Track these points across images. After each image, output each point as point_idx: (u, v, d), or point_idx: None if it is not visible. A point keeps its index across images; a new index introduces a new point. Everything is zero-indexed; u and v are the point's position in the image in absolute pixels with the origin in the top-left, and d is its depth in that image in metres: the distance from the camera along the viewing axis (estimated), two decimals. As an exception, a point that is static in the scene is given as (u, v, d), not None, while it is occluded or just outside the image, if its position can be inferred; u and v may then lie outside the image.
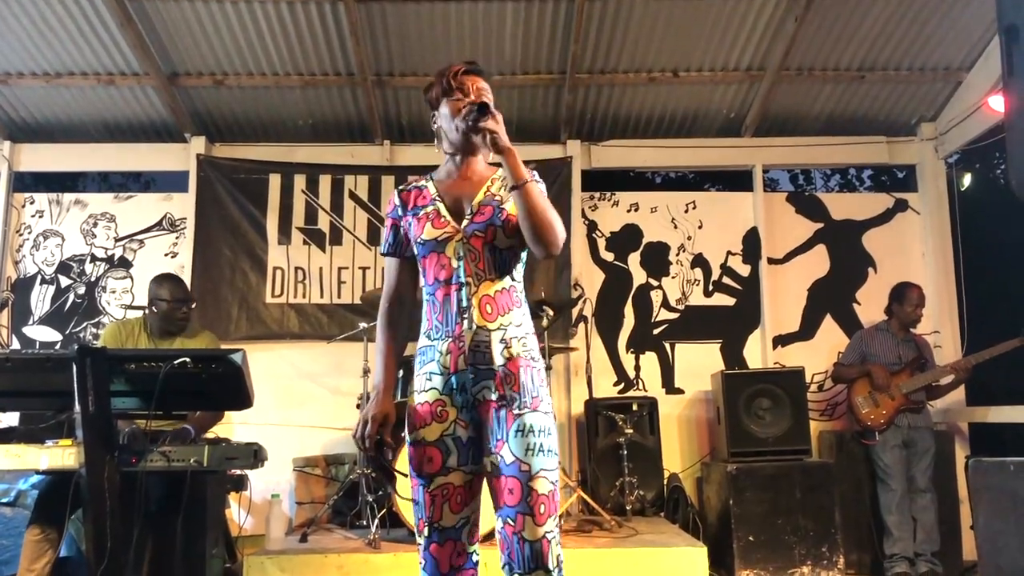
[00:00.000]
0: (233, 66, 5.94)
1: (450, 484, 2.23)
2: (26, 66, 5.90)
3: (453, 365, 2.26)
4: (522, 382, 2.25)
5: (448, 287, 2.30)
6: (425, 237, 2.33)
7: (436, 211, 2.37)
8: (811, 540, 5.02)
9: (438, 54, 5.87)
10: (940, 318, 6.19)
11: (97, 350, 2.99)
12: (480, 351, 2.25)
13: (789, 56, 5.87)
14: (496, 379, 2.24)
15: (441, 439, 2.25)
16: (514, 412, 2.21)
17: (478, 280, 2.29)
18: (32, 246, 6.31)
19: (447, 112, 2.40)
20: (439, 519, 2.23)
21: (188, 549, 3.71)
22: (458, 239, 2.31)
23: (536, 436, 2.19)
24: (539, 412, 2.24)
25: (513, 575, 2.17)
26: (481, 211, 2.35)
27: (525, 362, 2.28)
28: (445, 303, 2.30)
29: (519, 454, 2.17)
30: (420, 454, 2.26)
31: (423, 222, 2.36)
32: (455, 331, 2.27)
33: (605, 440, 5.59)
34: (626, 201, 6.55)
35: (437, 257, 2.32)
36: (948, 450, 5.52)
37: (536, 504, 2.15)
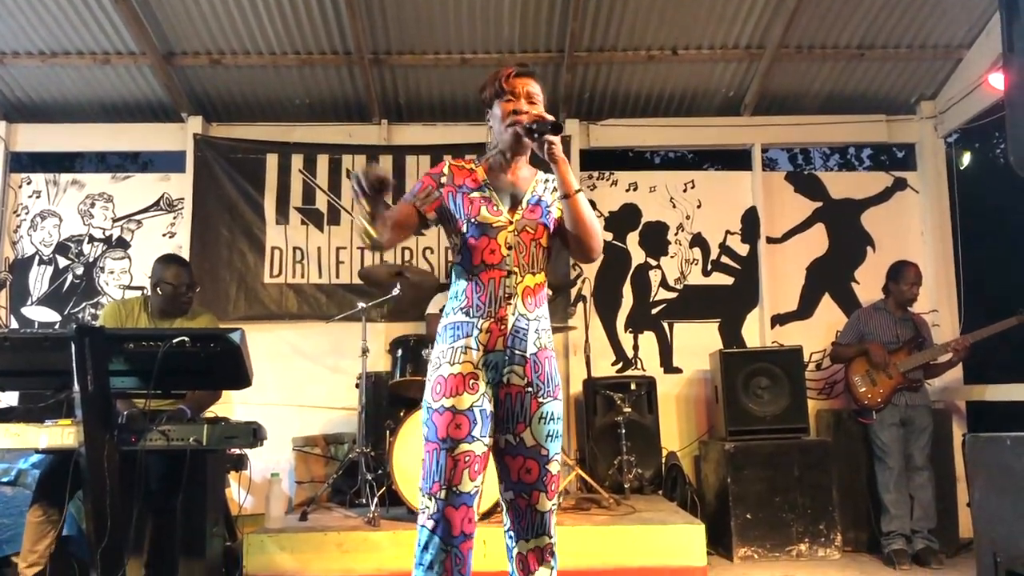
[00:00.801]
0: (230, 45, 5.90)
1: (472, 452, 2.35)
2: (21, 46, 5.86)
3: (492, 344, 2.42)
4: (547, 372, 2.46)
5: (495, 272, 2.45)
6: (480, 220, 2.47)
7: (489, 198, 2.52)
8: (808, 518, 5.05)
9: (435, 32, 5.84)
10: (938, 297, 6.20)
11: (95, 329, 3.00)
12: (519, 337, 2.43)
13: (788, 34, 5.84)
14: (527, 366, 2.43)
15: (471, 409, 2.37)
16: (539, 400, 2.42)
17: (523, 271, 2.47)
18: (30, 226, 6.30)
19: (499, 113, 2.52)
20: (459, 483, 2.33)
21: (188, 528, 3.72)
22: (510, 229, 2.47)
23: (554, 423, 2.44)
24: (558, 400, 2.47)
25: (519, 540, 2.43)
26: (532, 209, 2.53)
27: (549, 353, 2.50)
28: (490, 285, 2.44)
29: (540, 439, 2.41)
30: (448, 420, 2.35)
31: (477, 204, 2.49)
32: (499, 313, 2.43)
33: (603, 419, 5.61)
34: (625, 180, 6.54)
35: (488, 241, 2.46)
36: (946, 428, 5.54)
37: (549, 483, 2.41)
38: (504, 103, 2.51)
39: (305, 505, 4.77)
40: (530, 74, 2.56)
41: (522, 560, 2.43)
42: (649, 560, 4.08)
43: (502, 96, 2.52)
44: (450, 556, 2.32)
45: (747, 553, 5.03)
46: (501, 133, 2.53)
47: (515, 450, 2.41)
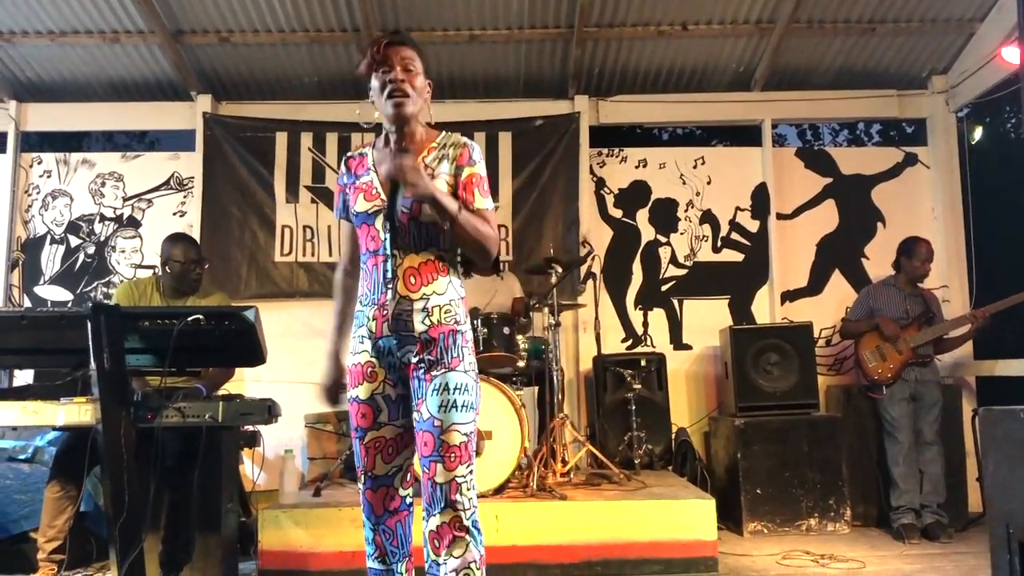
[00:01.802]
0: (239, 23, 5.89)
1: (382, 437, 2.45)
2: (31, 24, 5.86)
3: (379, 331, 2.43)
4: (440, 347, 2.39)
5: (377, 257, 2.44)
6: (357, 209, 2.47)
7: (370, 183, 2.48)
8: (818, 493, 5.08)
9: (444, 8, 5.82)
10: (949, 272, 6.19)
11: (111, 307, 3.01)
12: (402, 319, 2.40)
13: (799, 8, 5.80)
14: (418, 345, 2.39)
15: (372, 397, 2.45)
16: (432, 373, 2.37)
17: (404, 252, 2.41)
18: (41, 206, 6.32)
19: (376, 86, 2.43)
20: (372, 468, 2.45)
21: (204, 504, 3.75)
22: (386, 212, 2.41)
23: (451, 393, 2.35)
24: (457, 371, 2.39)
25: (429, 518, 2.34)
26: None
27: (447, 327, 2.41)
28: (374, 272, 2.44)
29: (433, 411, 2.34)
30: (355, 410, 2.47)
31: (358, 193, 2.48)
32: (380, 300, 2.42)
33: (614, 396, 5.63)
34: (634, 157, 6.52)
35: (368, 229, 2.45)
36: (955, 403, 5.54)
37: (447, 453, 2.32)
38: (380, 75, 2.41)
39: (318, 481, 4.81)
40: (403, 42, 2.44)
41: (434, 537, 2.32)
42: (660, 534, 4.10)
43: (377, 68, 2.41)
44: (377, 532, 2.47)
45: (757, 528, 5.07)
46: (383, 109, 2.43)
47: (417, 426, 2.38)
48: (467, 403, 2.38)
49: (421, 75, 2.46)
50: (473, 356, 2.47)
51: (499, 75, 6.47)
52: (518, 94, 6.58)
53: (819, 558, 4.40)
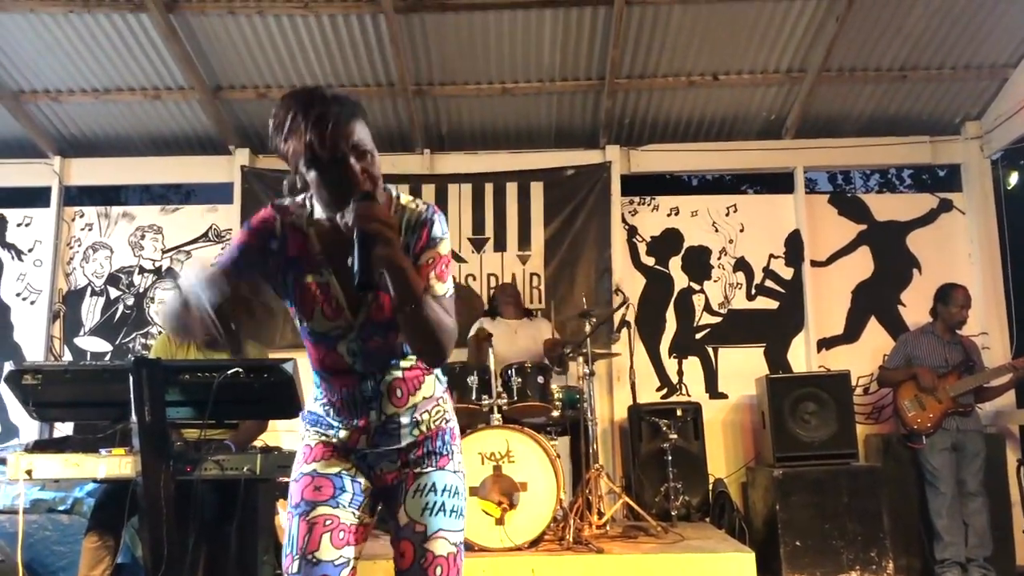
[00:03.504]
0: (276, 79, 6.03)
1: (336, 517, 1.91)
2: (76, 83, 6.04)
3: (354, 442, 1.98)
4: (427, 448, 2.00)
5: (345, 378, 1.95)
6: (315, 328, 1.93)
7: (327, 289, 1.90)
8: (859, 545, 4.98)
9: (477, 63, 5.92)
10: (988, 319, 6.10)
11: (153, 361, 3.05)
12: (388, 433, 1.97)
13: (830, 57, 5.82)
14: (400, 455, 1.99)
15: (339, 474, 1.96)
16: (415, 472, 1.98)
17: (383, 370, 1.95)
18: (82, 258, 6.45)
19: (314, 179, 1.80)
20: (315, 549, 1.86)
21: (241, 556, 3.76)
22: (351, 337, 1.92)
23: (437, 495, 1.95)
24: (445, 471, 1.99)
25: None
26: (380, 303, 1.89)
27: (436, 428, 2.02)
28: (344, 392, 1.96)
29: (414, 516, 1.93)
30: (307, 483, 1.94)
31: (309, 302, 1.91)
32: (360, 423, 1.96)
33: (649, 446, 5.58)
34: (666, 205, 6.54)
35: (326, 351, 1.95)
36: (999, 453, 5.43)
37: (431, 566, 1.88)
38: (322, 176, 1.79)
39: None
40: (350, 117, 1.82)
41: None
42: (699, 588, 4.04)
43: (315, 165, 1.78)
44: None
45: (797, 581, 4.97)
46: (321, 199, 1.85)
47: (395, 536, 1.95)
48: (456, 509, 1.97)
49: (374, 150, 1.85)
50: (462, 455, 2.08)
51: (531, 126, 6.55)
52: (549, 144, 6.65)
53: (863, 613, 4.31)
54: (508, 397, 4.80)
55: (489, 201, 6.38)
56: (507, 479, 4.32)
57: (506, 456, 4.35)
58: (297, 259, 1.90)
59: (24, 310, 6.38)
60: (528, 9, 5.53)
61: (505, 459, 4.34)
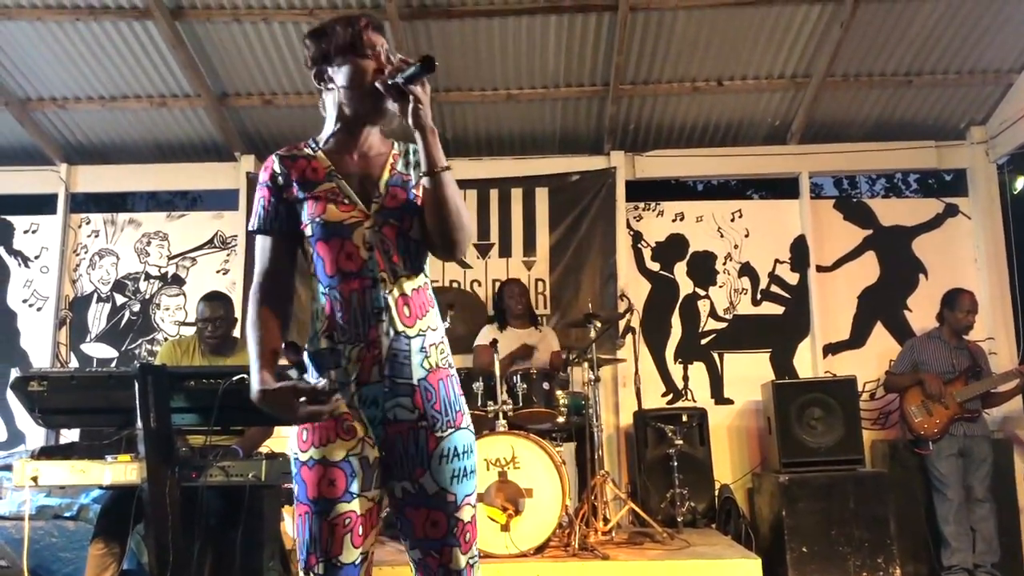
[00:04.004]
0: (281, 86, 6.04)
1: (352, 512, 1.89)
2: (82, 90, 6.06)
3: (366, 375, 1.93)
4: (443, 398, 1.98)
5: (356, 281, 1.95)
6: (327, 218, 1.96)
7: (336, 189, 2.00)
8: (866, 551, 4.95)
9: (482, 68, 5.93)
10: (995, 324, 6.08)
11: (158, 368, 3.06)
12: (399, 361, 1.94)
13: (835, 62, 5.82)
14: (416, 395, 1.95)
15: (347, 459, 1.90)
16: (436, 434, 1.95)
17: (393, 276, 1.96)
18: (88, 265, 6.47)
19: (350, 71, 2.00)
20: (339, 553, 1.87)
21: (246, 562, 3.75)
22: (368, 226, 1.96)
23: (460, 460, 1.96)
24: (463, 429, 2.00)
25: None
26: (392, 194, 2.01)
27: (444, 372, 2.01)
28: (352, 300, 1.94)
29: (444, 483, 1.93)
30: (319, 475, 1.89)
31: (322, 201, 1.98)
32: (369, 335, 1.93)
33: (655, 451, 5.57)
34: (671, 211, 6.53)
35: (341, 244, 1.95)
36: (1007, 459, 5.41)
37: (462, 534, 1.94)
38: (362, 59, 1.99)
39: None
40: (381, 28, 2.05)
41: None
42: (705, 595, 4.03)
43: (359, 50, 1.99)
44: None
45: (804, 587, 4.95)
46: (353, 98, 2.03)
47: (415, 500, 1.93)
48: (473, 468, 2.00)
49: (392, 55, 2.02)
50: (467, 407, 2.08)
51: (535, 132, 6.55)
52: (554, 150, 6.66)
53: (870, 620, 4.29)
54: (513, 403, 4.80)
55: (494, 207, 6.39)
56: (512, 485, 4.32)
57: (511, 462, 4.35)
58: (303, 178, 2.04)
59: (31, 316, 6.39)
60: (533, 16, 5.54)
61: (510, 465, 4.34)
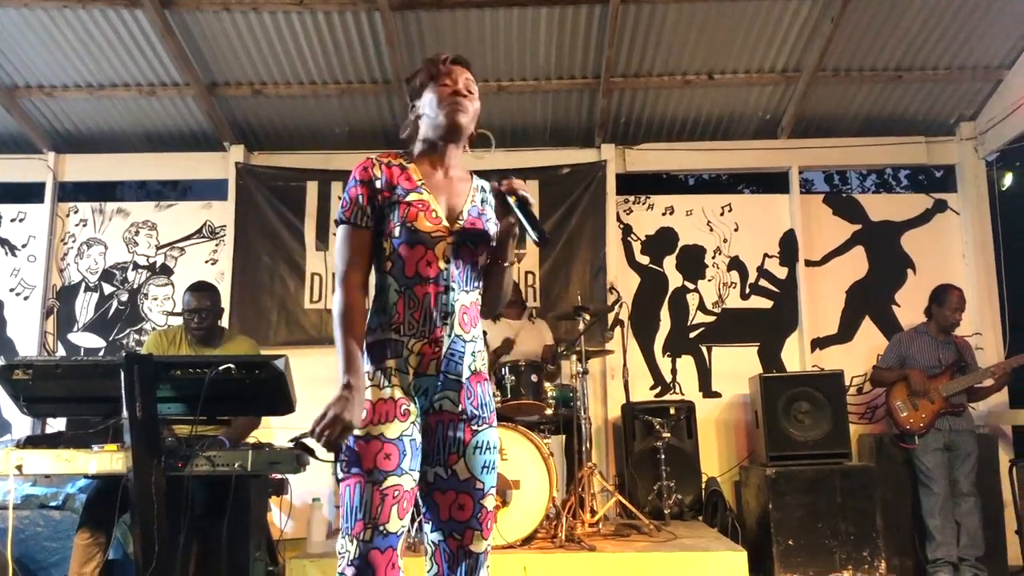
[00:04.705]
0: (271, 75, 6.02)
1: (401, 486, 2.09)
2: (70, 78, 6.02)
3: (424, 367, 2.18)
4: (480, 398, 2.24)
5: (431, 286, 2.19)
6: (418, 227, 2.19)
7: (427, 203, 2.24)
8: (852, 544, 4.98)
9: (473, 59, 5.83)
10: (982, 320, 6.11)
11: (144, 357, 3.05)
12: (454, 360, 2.20)
13: (825, 57, 5.83)
14: (461, 392, 2.20)
15: (400, 438, 2.12)
16: (472, 428, 2.20)
17: (460, 288, 2.23)
18: (76, 254, 6.44)
19: (433, 97, 2.30)
20: (386, 521, 2.05)
21: (232, 552, 3.75)
22: (450, 241, 2.22)
23: (491, 453, 2.23)
24: (493, 428, 2.27)
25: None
26: (473, 220, 2.28)
27: (483, 376, 2.28)
28: (426, 301, 2.19)
29: (475, 472, 2.18)
30: (376, 449, 2.09)
31: (415, 209, 2.21)
32: (434, 334, 2.18)
33: (642, 444, 5.59)
34: (661, 204, 6.54)
35: (424, 251, 2.20)
36: (991, 453, 5.43)
37: (485, 520, 2.18)
38: (441, 87, 2.29)
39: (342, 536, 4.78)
40: (466, 64, 2.37)
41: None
42: (691, 587, 4.05)
43: (438, 80, 2.31)
44: None
45: (790, 580, 4.98)
46: (436, 118, 2.30)
47: (446, 484, 2.17)
48: (496, 463, 2.27)
49: (477, 101, 2.35)
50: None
51: (526, 124, 6.55)
52: (545, 143, 6.65)
53: (854, 612, 4.32)
54: (502, 395, 4.80)
55: (484, 199, 6.36)
56: (500, 477, 4.25)
57: (499, 454, 4.34)
58: (398, 184, 2.27)
59: (18, 306, 6.36)
60: (524, 7, 5.52)
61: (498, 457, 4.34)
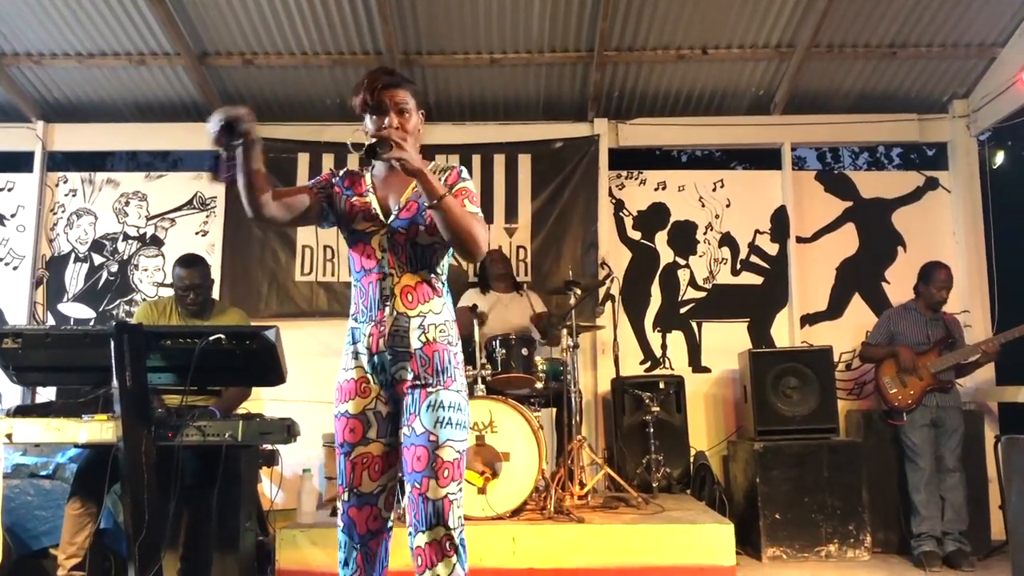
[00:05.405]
0: (262, 45, 5.97)
1: (369, 453, 2.47)
2: (59, 47, 5.96)
3: (375, 346, 2.47)
4: (435, 364, 2.46)
5: (373, 276, 2.50)
6: (355, 227, 2.53)
7: (367, 204, 2.54)
8: (838, 518, 5.04)
9: (466, 32, 5.87)
10: (971, 297, 6.15)
11: (135, 327, 3.05)
12: (399, 335, 2.46)
13: (819, 33, 5.80)
14: (412, 361, 2.45)
15: (363, 412, 2.48)
16: (428, 391, 2.43)
17: (400, 271, 2.49)
18: (66, 224, 6.41)
19: (370, 128, 2.51)
20: (358, 484, 2.46)
21: (223, 522, 3.77)
22: (383, 233, 2.50)
23: (445, 410, 2.42)
24: (450, 391, 2.46)
25: (417, 534, 2.37)
26: (407, 207, 2.51)
27: (441, 346, 2.49)
28: (370, 289, 2.50)
29: (428, 426, 2.40)
30: (344, 425, 2.48)
31: (356, 212, 2.54)
32: (377, 316, 2.48)
33: (632, 418, 5.61)
34: (653, 180, 6.53)
35: (364, 247, 2.52)
36: (977, 429, 5.47)
37: (440, 468, 2.37)
38: (375, 119, 2.50)
39: (336, 501, 4.81)
40: (396, 85, 2.50)
41: (420, 554, 2.37)
42: (678, 559, 4.08)
43: (371, 112, 2.51)
44: (360, 553, 2.49)
45: (776, 553, 5.02)
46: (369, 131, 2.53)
47: (408, 440, 2.42)
48: (460, 422, 2.46)
49: (414, 113, 2.53)
50: (464, 377, 2.56)
51: (519, 98, 6.51)
52: (538, 117, 6.62)
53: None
54: (492, 368, 4.82)
55: (476, 173, 6.34)
56: (490, 449, 4.34)
57: (489, 426, 4.37)
58: (351, 187, 2.60)
59: (7, 275, 6.34)
60: (517, -21, 5.49)
61: (488, 429, 4.37)
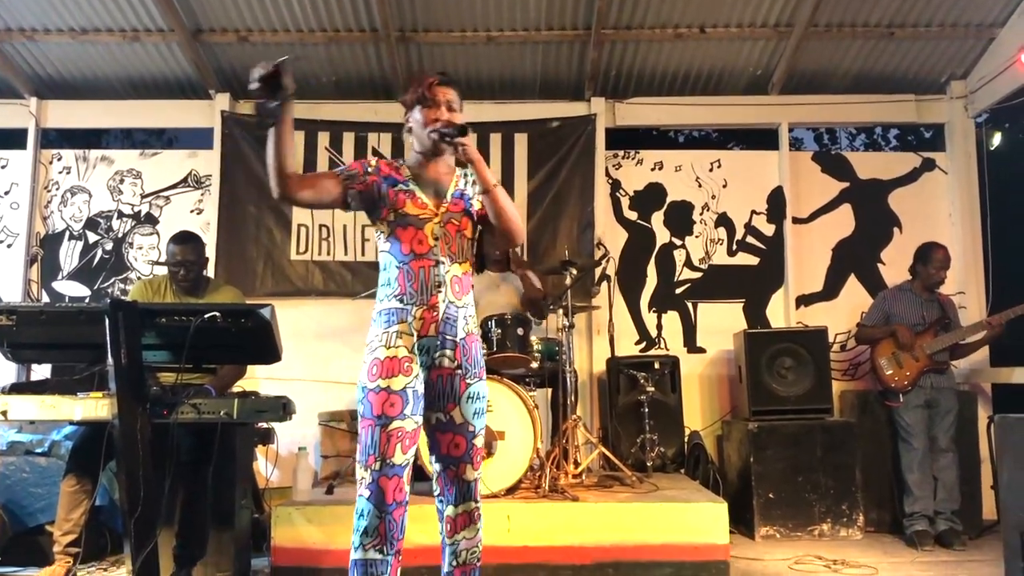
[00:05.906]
0: (257, 22, 5.92)
1: (403, 428, 2.61)
2: (52, 22, 5.91)
3: (425, 330, 2.67)
4: (473, 355, 2.74)
5: (424, 261, 2.67)
6: (407, 211, 2.69)
7: (412, 192, 2.73)
8: (831, 498, 5.07)
9: (461, 9, 5.83)
10: (966, 278, 6.15)
11: (129, 304, 3.04)
12: (450, 323, 2.69)
13: (818, 12, 5.77)
14: (457, 349, 2.70)
15: (404, 390, 2.63)
16: (467, 380, 2.72)
17: (450, 260, 2.70)
18: (60, 202, 6.38)
19: (420, 118, 2.76)
20: (392, 455, 2.59)
21: (218, 499, 3.79)
22: (436, 221, 2.70)
23: (480, 401, 2.76)
24: (483, 381, 2.79)
25: (448, 505, 2.76)
26: (455, 202, 2.76)
27: (475, 338, 2.78)
28: (421, 274, 2.67)
29: (468, 417, 2.72)
30: (384, 399, 2.61)
31: (402, 197, 2.71)
32: (431, 301, 2.66)
33: (626, 398, 5.62)
34: (650, 160, 6.52)
35: (415, 232, 2.68)
36: (971, 410, 5.50)
37: (475, 455, 2.76)
38: (427, 111, 2.74)
39: (331, 479, 4.83)
40: (448, 83, 2.79)
41: (451, 522, 2.75)
42: (672, 537, 4.09)
43: (424, 103, 2.75)
44: (384, 522, 2.57)
45: (769, 532, 5.06)
46: (422, 136, 2.76)
47: (445, 427, 2.72)
48: (486, 410, 2.81)
49: (460, 115, 2.77)
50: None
51: (516, 76, 6.48)
52: (534, 95, 6.59)
53: (831, 563, 4.40)
54: (487, 348, 4.81)
55: (473, 152, 6.31)
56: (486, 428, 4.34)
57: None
58: (388, 176, 2.77)
59: (1, 253, 6.31)
60: (514, -44, 5.45)
61: (483, 408, 4.36)
